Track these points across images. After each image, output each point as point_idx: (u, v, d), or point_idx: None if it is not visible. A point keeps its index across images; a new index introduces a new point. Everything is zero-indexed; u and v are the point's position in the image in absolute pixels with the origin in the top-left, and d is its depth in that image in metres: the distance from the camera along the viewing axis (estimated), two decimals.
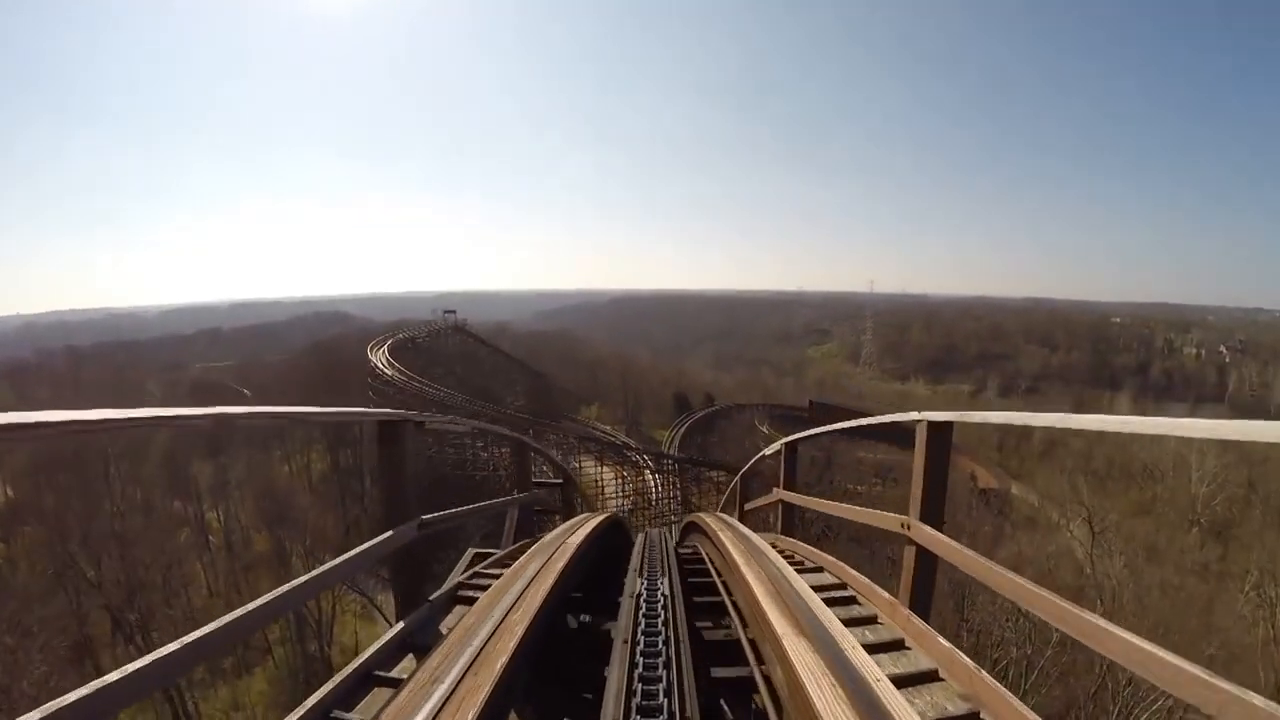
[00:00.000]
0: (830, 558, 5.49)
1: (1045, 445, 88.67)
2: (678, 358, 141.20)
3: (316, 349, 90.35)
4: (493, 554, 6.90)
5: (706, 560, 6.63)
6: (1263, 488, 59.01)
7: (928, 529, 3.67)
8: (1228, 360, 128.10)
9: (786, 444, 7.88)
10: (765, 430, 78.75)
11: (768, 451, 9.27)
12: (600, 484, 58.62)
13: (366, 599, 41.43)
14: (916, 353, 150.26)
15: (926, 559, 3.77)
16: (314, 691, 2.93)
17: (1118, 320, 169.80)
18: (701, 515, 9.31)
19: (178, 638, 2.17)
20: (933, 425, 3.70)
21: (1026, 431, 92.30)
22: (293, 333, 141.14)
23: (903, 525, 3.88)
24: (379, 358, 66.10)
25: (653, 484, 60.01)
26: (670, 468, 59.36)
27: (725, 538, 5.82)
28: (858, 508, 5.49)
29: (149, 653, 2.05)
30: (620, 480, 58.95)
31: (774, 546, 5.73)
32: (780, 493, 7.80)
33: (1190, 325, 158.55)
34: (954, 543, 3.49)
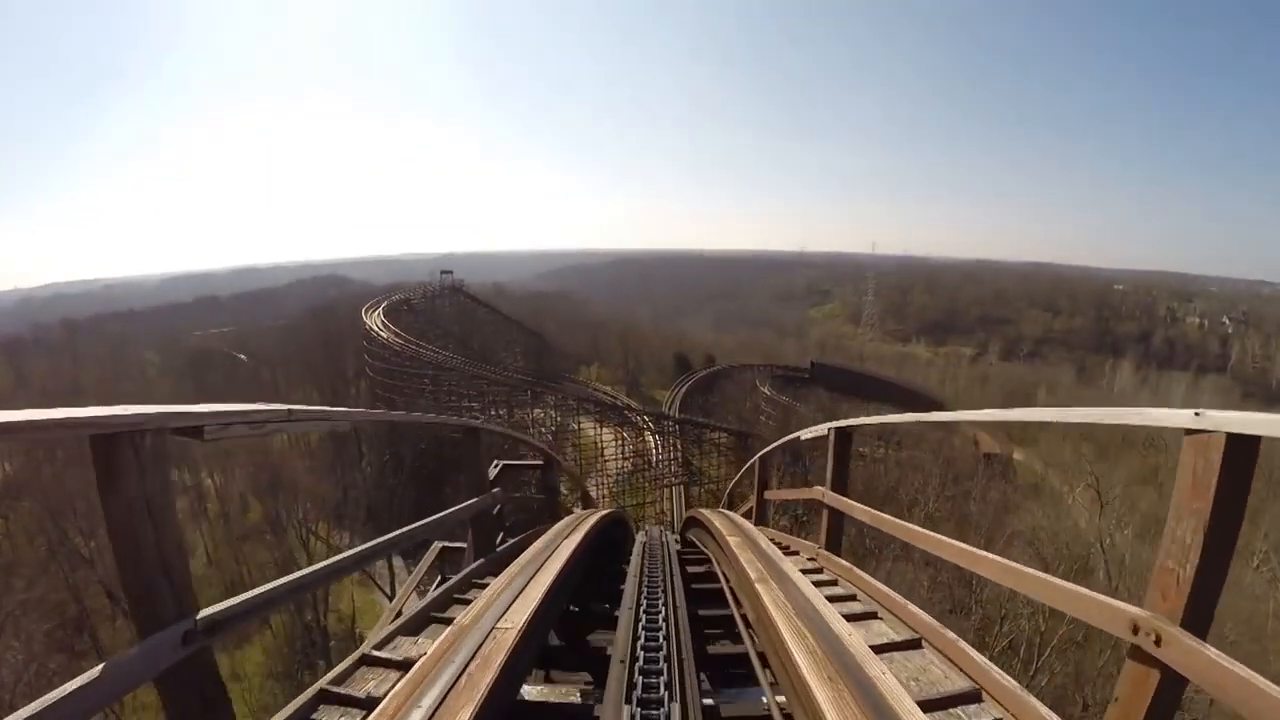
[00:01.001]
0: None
1: None
2: (678, 318, 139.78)
3: (313, 314, 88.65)
4: (461, 548, 6.19)
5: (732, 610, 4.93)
6: (1265, 462, 57.78)
7: (839, 496, 5.16)
8: (1230, 331, 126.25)
9: (836, 430, 5.38)
10: (766, 391, 77.77)
11: (805, 435, 7.14)
12: (600, 446, 57.82)
13: (365, 573, 40.78)
14: (918, 315, 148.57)
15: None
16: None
17: (1120, 287, 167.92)
18: (712, 521, 7.16)
19: None
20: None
21: (1029, 397, 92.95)
22: (291, 297, 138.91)
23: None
24: (374, 321, 64.66)
25: (653, 445, 59.21)
26: (671, 429, 58.40)
27: (766, 600, 3.60)
28: (945, 539, 3.64)
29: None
30: (620, 442, 58.10)
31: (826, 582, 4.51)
32: (825, 494, 5.35)
33: (1193, 295, 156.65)
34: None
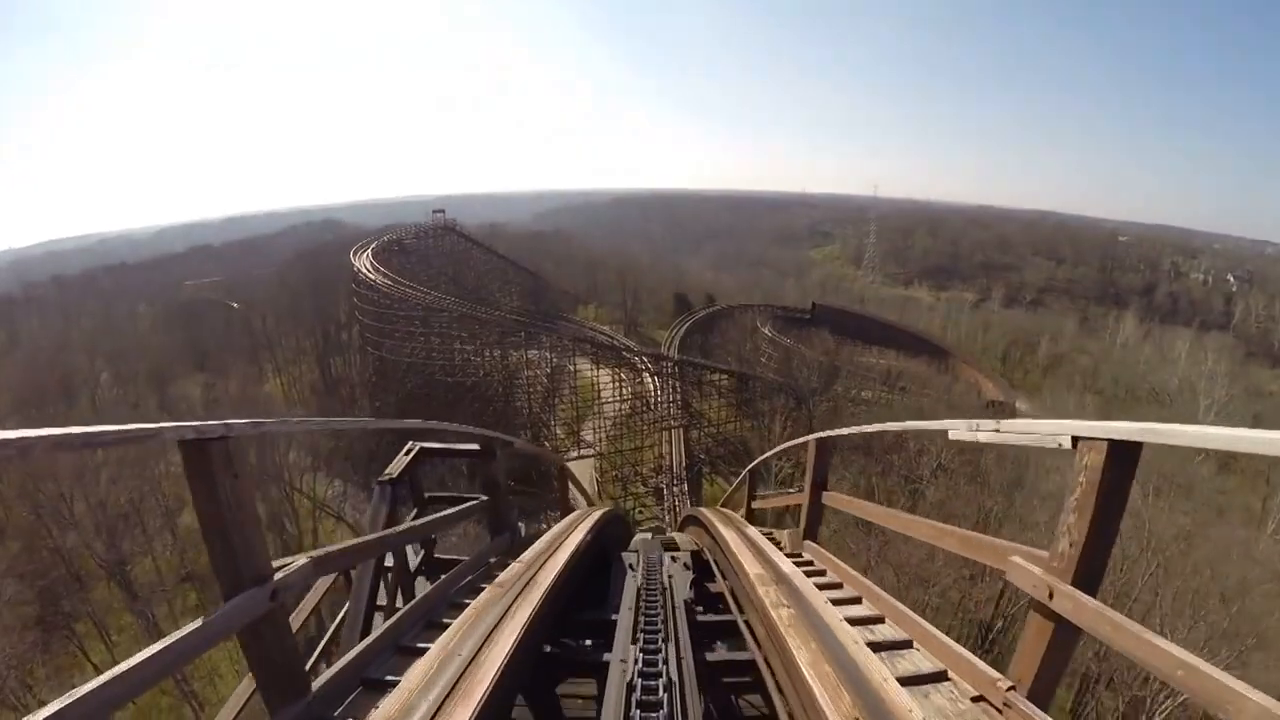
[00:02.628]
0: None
1: (1050, 360, 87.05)
2: (678, 258, 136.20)
3: (303, 258, 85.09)
4: None
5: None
6: (1269, 423, 56.71)
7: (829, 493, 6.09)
8: (1234, 290, 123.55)
9: (818, 440, 6.32)
10: (767, 332, 75.21)
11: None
12: (597, 388, 55.68)
13: (337, 516, 38.96)
14: (921, 258, 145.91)
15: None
16: None
17: (1124, 239, 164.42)
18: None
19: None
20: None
21: (1031, 345, 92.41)
22: (285, 244, 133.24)
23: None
24: (362, 263, 61.34)
25: (652, 387, 57.12)
26: (670, 370, 56.00)
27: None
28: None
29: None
30: (618, 383, 55.88)
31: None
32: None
33: (1197, 251, 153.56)
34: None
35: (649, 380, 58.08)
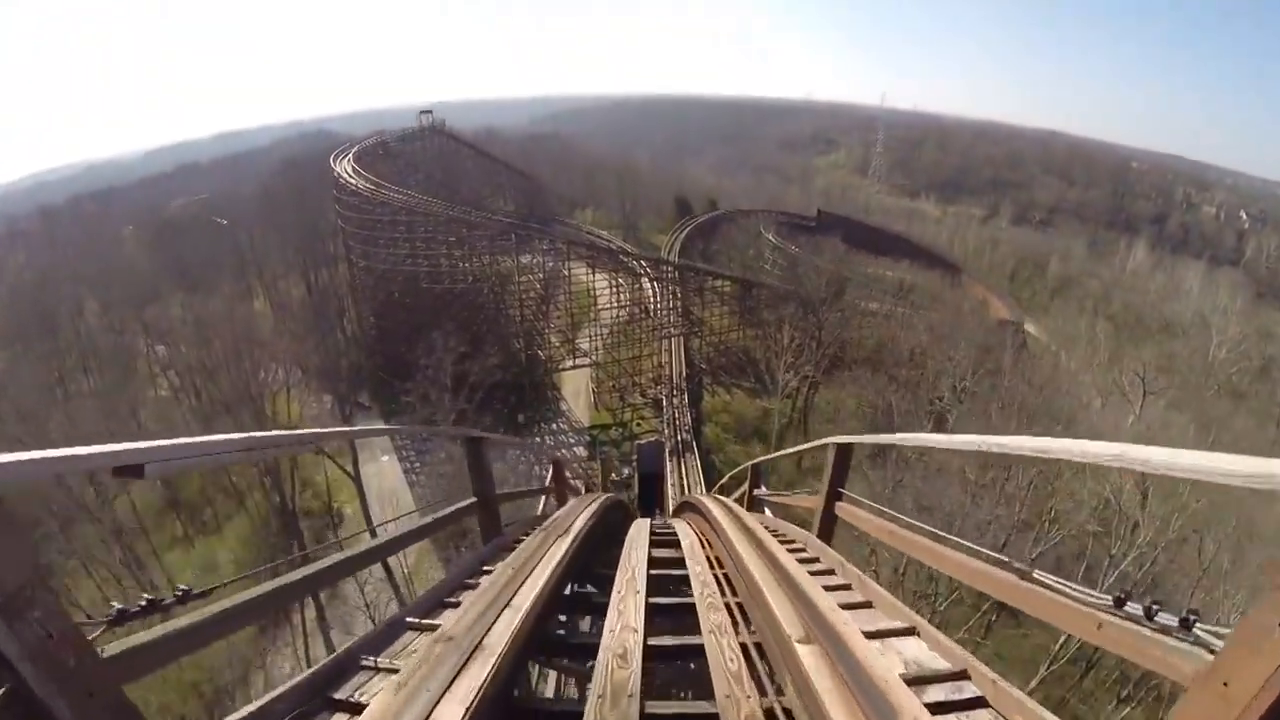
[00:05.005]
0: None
1: (1059, 282, 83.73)
2: (679, 162, 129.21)
3: (287, 169, 78.25)
4: None
5: None
6: None
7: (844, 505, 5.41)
8: (1247, 227, 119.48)
9: (838, 445, 5.55)
10: (771, 238, 70.43)
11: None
12: (593, 294, 51.62)
13: (325, 454, 37.45)
14: (929, 171, 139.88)
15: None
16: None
17: (1136, 165, 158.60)
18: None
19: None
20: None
21: (1040, 265, 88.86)
22: (273, 157, 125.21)
23: None
24: (343, 168, 55.48)
25: (651, 293, 52.99)
26: (670, 275, 51.66)
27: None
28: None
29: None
30: (615, 289, 51.63)
31: None
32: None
33: (1210, 185, 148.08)
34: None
35: (648, 286, 53.94)
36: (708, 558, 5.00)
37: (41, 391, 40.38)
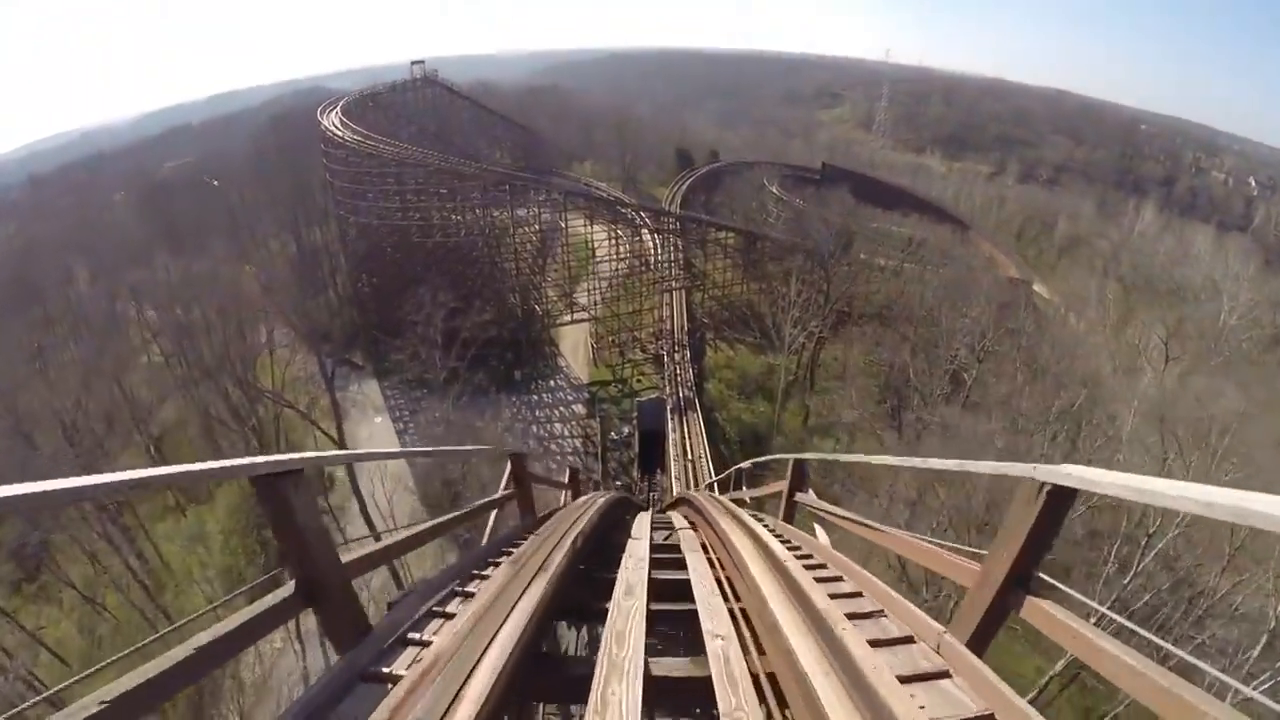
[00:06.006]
0: None
1: (1067, 241, 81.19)
2: (680, 115, 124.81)
3: (277, 126, 74.66)
4: None
5: None
6: None
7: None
8: (1255, 194, 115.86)
9: (795, 461, 6.82)
10: (775, 191, 67.58)
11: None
12: (591, 246, 49.16)
13: (303, 414, 36.17)
14: (934, 125, 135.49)
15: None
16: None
17: (1145, 127, 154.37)
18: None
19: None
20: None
21: (1048, 224, 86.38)
22: (265, 116, 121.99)
23: None
24: (330, 121, 52.29)
25: (651, 245, 50.54)
26: (671, 227, 49.11)
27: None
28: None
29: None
30: (614, 241, 49.13)
31: None
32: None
33: (1219, 150, 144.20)
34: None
35: (648, 238, 51.46)
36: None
37: (19, 363, 38.51)
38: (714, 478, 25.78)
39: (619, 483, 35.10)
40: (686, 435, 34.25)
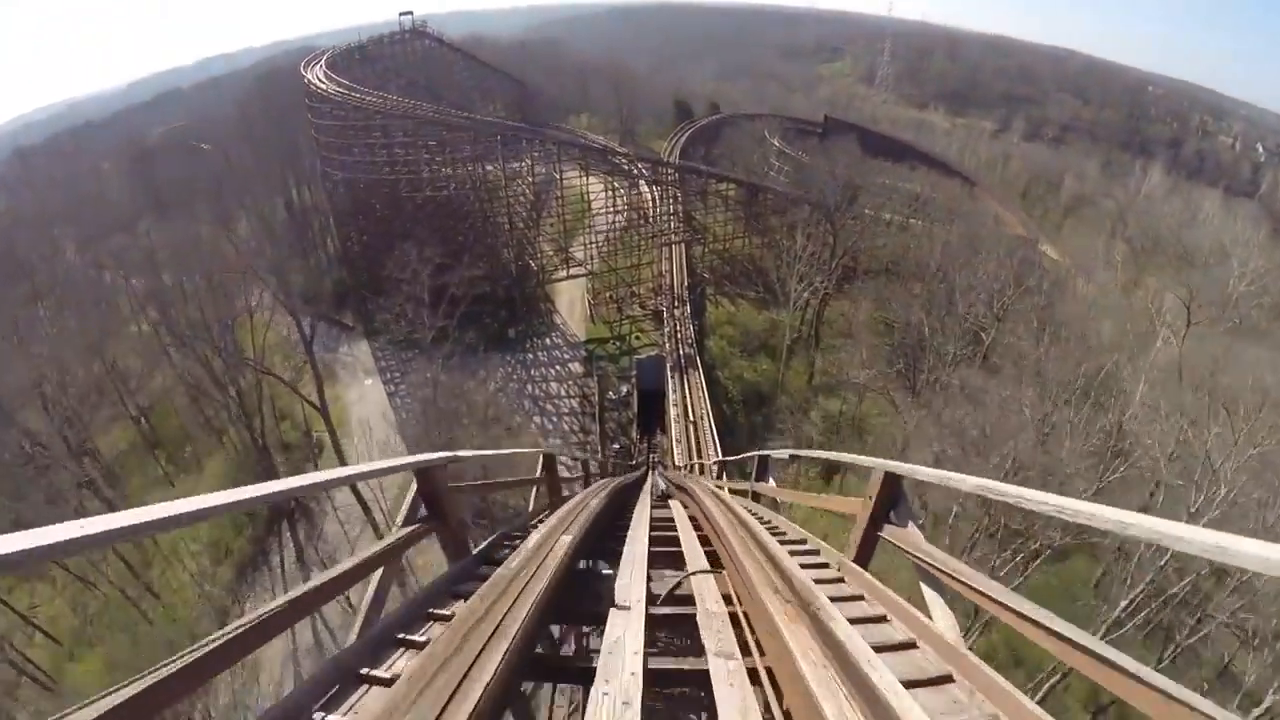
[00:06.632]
0: None
1: (1073, 200, 79.05)
2: (678, 68, 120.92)
3: (263, 86, 71.32)
4: None
5: None
6: None
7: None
8: (1263, 160, 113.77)
9: (759, 456, 7.97)
10: (776, 144, 64.85)
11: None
12: (587, 198, 46.92)
13: (287, 384, 34.33)
14: (937, 81, 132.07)
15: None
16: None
17: (1152, 89, 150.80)
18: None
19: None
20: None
21: (1054, 183, 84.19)
22: (254, 77, 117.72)
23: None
24: (314, 75, 49.33)
25: (649, 198, 48.31)
26: (670, 179, 46.79)
27: None
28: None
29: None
30: (611, 193, 46.86)
31: None
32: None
33: (1226, 115, 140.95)
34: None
35: (646, 190, 49.18)
36: None
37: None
38: (720, 453, 24.09)
39: (616, 445, 33.73)
40: (687, 394, 32.67)
